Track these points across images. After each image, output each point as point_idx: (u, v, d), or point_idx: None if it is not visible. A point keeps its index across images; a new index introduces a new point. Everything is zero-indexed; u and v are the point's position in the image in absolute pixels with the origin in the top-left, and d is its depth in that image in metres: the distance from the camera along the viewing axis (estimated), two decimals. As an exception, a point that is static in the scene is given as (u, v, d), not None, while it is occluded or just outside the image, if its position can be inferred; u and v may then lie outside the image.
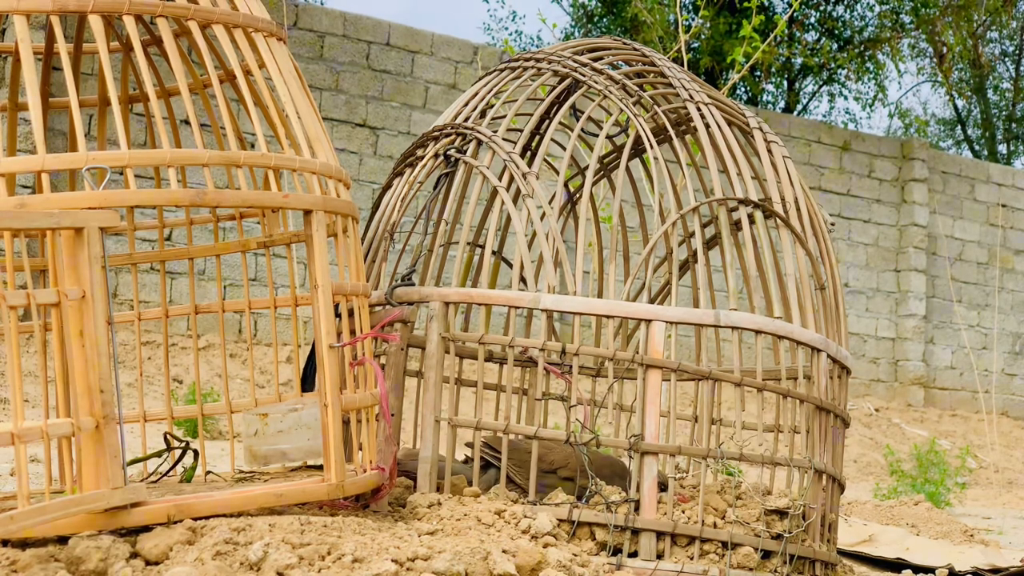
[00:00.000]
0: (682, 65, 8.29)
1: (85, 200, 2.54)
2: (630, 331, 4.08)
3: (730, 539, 3.12)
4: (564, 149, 3.41)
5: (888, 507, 6.17)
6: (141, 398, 3.54)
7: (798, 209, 3.50)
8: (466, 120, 3.55)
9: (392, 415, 3.11)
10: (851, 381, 12.01)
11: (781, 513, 3.23)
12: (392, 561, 2.43)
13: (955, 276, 14.39)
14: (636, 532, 3.08)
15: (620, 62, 3.79)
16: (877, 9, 16.61)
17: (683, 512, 3.16)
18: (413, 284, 3.33)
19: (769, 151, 3.59)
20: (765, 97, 17.88)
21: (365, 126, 11.04)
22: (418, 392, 3.33)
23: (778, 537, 3.18)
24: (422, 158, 3.56)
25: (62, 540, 2.55)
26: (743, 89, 16.52)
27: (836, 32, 16.54)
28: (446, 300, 3.23)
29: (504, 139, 3.45)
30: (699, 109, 3.54)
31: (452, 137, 3.54)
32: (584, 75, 3.58)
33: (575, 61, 3.63)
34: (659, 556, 3.08)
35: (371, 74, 11.09)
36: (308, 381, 3.43)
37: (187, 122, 8.73)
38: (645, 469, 3.10)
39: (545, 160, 3.68)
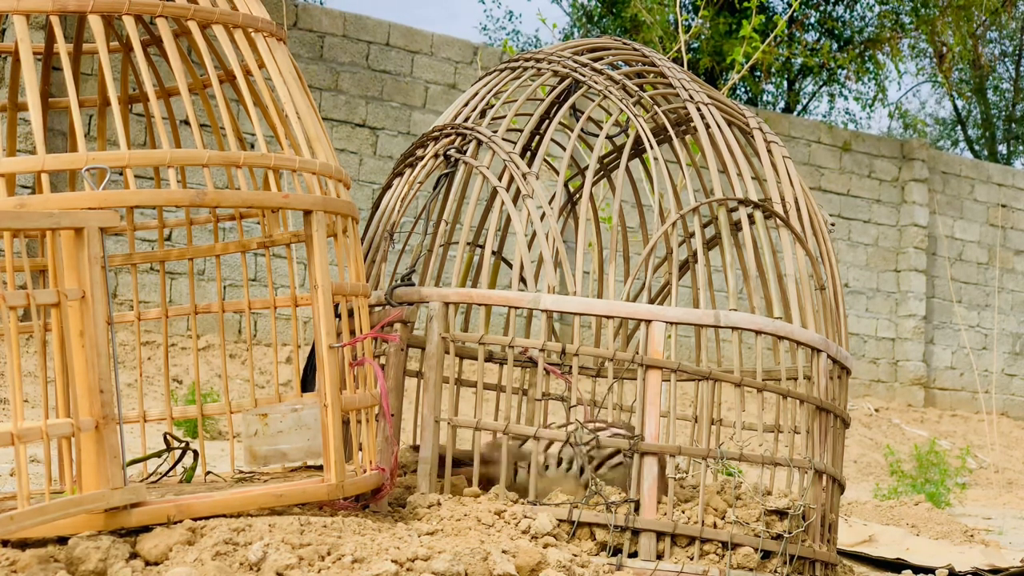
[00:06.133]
0: (682, 65, 8.29)
1: (85, 200, 2.54)
2: (630, 331, 4.08)
3: (730, 539, 3.12)
4: (564, 149, 3.41)
5: (888, 507, 6.17)
6: (141, 398, 3.53)
7: (798, 209, 3.50)
8: (466, 120, 3.55)
9: (392, 415, 3.11)
10: (851, 381, 12.00)
11: (781, 513, 3.23)
12: (392, 561, 2.43)
13: (955, 276, 14.39)
14: (636, 532, 3.08)
15: (620, 62, 3.79)
16: (877, 9, 16.60)
17: (683, 512, 3.16)
18: (413, 284, 3.33)
19: (769, 151, 3.59)
20: (765, 97, 17.87)
21: (365, 126, 11.04)
22: (418, 392, 3.33)
23: (778, 537, 3.18)
24: (422, 158, 3.56)
25: (62, 540, 2.56)
26: (743, 89, 16.51)
27: (836, 32, 16.53)
28: (446, 300, 3.23)
29: (504, 139, 3.45)
30: (699, 109, 3.53)
31: (452, 137, 3.54)
32: (584, 75, 3.58)
33: (575, 61, 3.63)
34: (659, 556, 3.08)
35: (371, 74, 11.08)
36: (308, 382, 3.43)
37: (187, 122, 8.72)
38: (645, 469, 3.10)
39: (545, 160, 3.68)
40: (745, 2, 12.98)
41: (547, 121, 3.75)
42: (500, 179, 3.35)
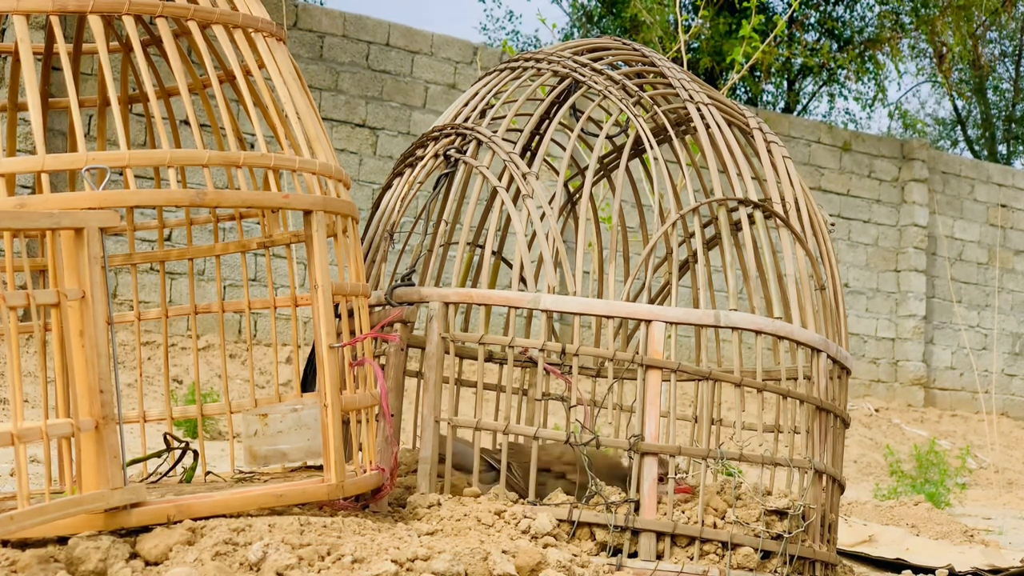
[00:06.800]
0: (682, 65, 8.29)
1: (85, 200, 2.54)
2: (630, 331, 4.07)
3: (730, 539, 3.12)
4: (564, 149, 3.41)
5: (888, 507, 6.17)
6: (141, 398, 3.53)
7: (798, 209, 3.50)
8: (466, 120, 3.55)
9: (392, 415, 3.11)
10: (851, 381, 12.00)
11: (781, 513, 3.23)
12: (392, 562, 2.43)
13: (955, 276, 14.39)
14: (636, 532, 3.08)
15: (620, 62, 3.79)
16: (877, 9, 16.61)
17: (683, 512, 3.16)
18: (413, 284, 3.33)
19: (769, 151, 3.59)
20: (765, 97, 17.87)
21: (365, 126, 11.04)
22: (418, 392, 3.33)
23: (778, 537, 3.18)
24: (422, 158, 3.56)
25: (62, 540, 2.56)
26: (743, 89, 16.51)
27: (836, 32, 16.54)
28: (446, 300, 3.23)
29: (504, 139, 3.45)
30: (699, 109, 3.53)
31: (452, 137, 3.54)
32: (584, 75, 3.58)
33: (575, 61, 3.63)
34: (659, 556, 3.08)
35: (371, 74, 11.08)
36: (308, 382, 3.43)
37: (187, 122, 8.72)
38: (645, 469, 3.10)
39: (545, 160, 3.67)
40: (745, 2, 12.98)
41: (547, 121, 3.75)
42: (500, 179, 3.35)
